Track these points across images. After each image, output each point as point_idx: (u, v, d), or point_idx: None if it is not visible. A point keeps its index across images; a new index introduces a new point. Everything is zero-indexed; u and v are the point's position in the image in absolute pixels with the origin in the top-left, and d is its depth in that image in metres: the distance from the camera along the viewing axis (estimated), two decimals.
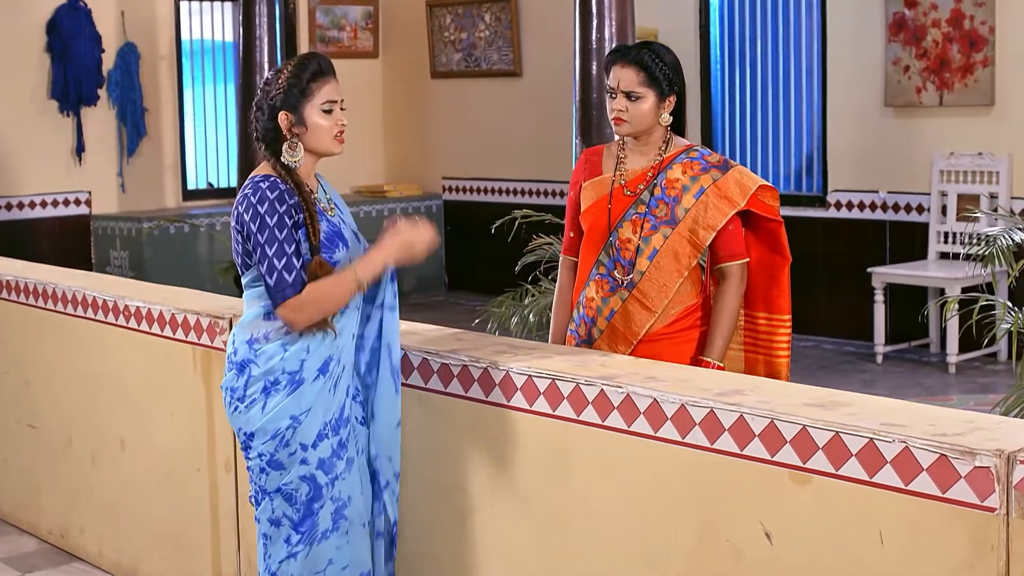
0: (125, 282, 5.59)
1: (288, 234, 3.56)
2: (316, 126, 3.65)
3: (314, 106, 3.64)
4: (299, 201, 3.59)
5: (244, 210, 3.60)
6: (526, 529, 3.71)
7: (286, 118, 3.63)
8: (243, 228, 3.61)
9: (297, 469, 3.63)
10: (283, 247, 3.54)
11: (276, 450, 3.62)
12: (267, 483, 3.66)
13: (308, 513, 3.65)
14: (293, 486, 3.64)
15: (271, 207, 3.55)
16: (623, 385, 3.44)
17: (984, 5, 8.34)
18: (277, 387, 3.61)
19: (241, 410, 3.65)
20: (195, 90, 11.51)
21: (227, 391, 3.69)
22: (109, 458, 5.30)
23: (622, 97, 4.12)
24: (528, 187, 11.19)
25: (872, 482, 2.94)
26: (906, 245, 8.89)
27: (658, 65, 4.12)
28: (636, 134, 4.16)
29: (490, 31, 11.55)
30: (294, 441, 3.61)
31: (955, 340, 8.12)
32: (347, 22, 12.34)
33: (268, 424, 3.61)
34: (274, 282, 3.55)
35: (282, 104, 3.62)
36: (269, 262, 3.55)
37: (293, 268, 3.55)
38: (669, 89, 4.14)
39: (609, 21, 6.44)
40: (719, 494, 3.24)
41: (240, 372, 3.65)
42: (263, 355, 3.62)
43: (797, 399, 3.24)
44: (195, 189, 11.52)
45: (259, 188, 3.59)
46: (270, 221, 3.54)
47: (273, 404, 3.61)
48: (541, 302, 5.97)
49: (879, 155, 8.96)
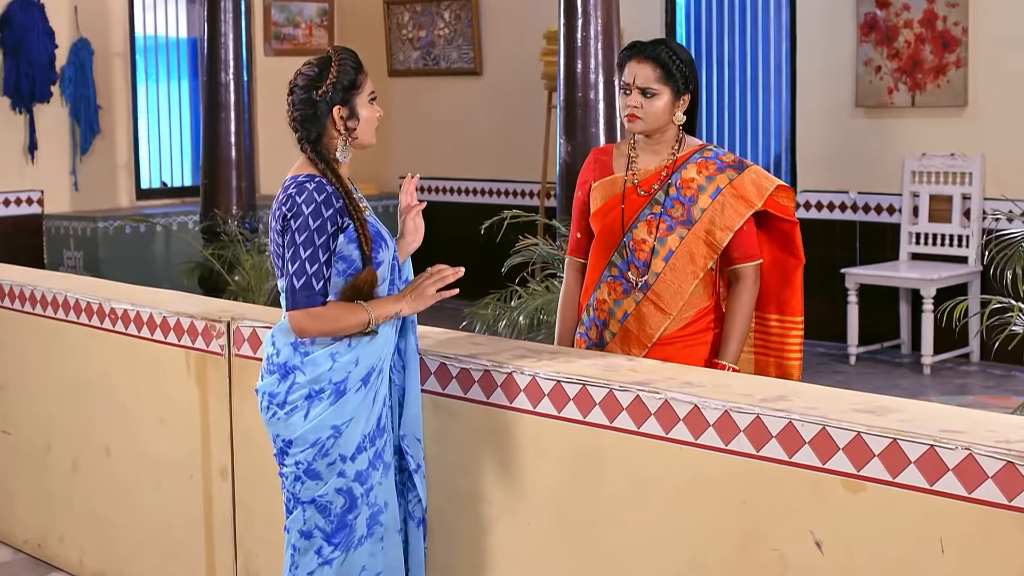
0: (109, 284, 5.42)
1: (326, 241, 3.44)
2: (366, 118, 3.57)
3: (363, 98, 3.55)
4: (344, 205, 3.48)
5: (288, 209, 3.47)
6: (555, 539, 3.60)
7: (340, 112, 3.52)
8: (284, 227, 3.48)
9: (334, 481, 3.53)
10: (318, 253, 3.43)
11: (315, 459, 3.51)
12: (301, 492, 3.55)
13: (342, 525, 3.55)
14: (328, 498, 3.53)
15: (317, 209, 3.44)
16: (661, 391, 3.34)
17: (957, 6, 8.34)
18: (321, 396, 3.50)
19: (281, 416, 3.53)
20: (149, 87, 11.30)
21: (265, 395, 3.57)
22: (92, 465, 5.14)
23: (637, 93, 4.03)
24: (489, 187, 11.08)
25: (932, 490, 2.87)
26: (877, 246, 8.87)
27: (675, 62, 4.04)
28: (649, 132, 4.08)
29: (450, 29, 11.44)
30: (334, 451, 3.51)
31: (930, 341, 8.11)
32: (302, 19, 12.17)
33: (309, 433, 3.50)
34: (300, 285, 3.43)
35: (336, 98, 3.52)
36: (301, 264, 3.43)
37: (322, 277, 3.45)
38: (684, 87, 4.06)
39: (594, 19, 6.34)
40: (765, 502, 3.16)
41: (283, 377, 3.53)
42: (311, 363, 3.51)
43: (844, 405, 3.16)
44: (149, 188, 11.29)
45: (305, 188, 3.47)
46: (312, 224, 3.43)
47: (316, 413, 3.50)
48: (531, 304, 5.86)
49: (849, 156, 8.94)
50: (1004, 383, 7.87)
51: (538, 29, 10.46)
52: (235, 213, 8.64)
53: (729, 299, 4.12)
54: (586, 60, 6.36)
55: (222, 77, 8.59)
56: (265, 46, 11.75)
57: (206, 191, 8.78)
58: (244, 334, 4.43)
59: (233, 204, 8.67)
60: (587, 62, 6.36)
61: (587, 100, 6.37)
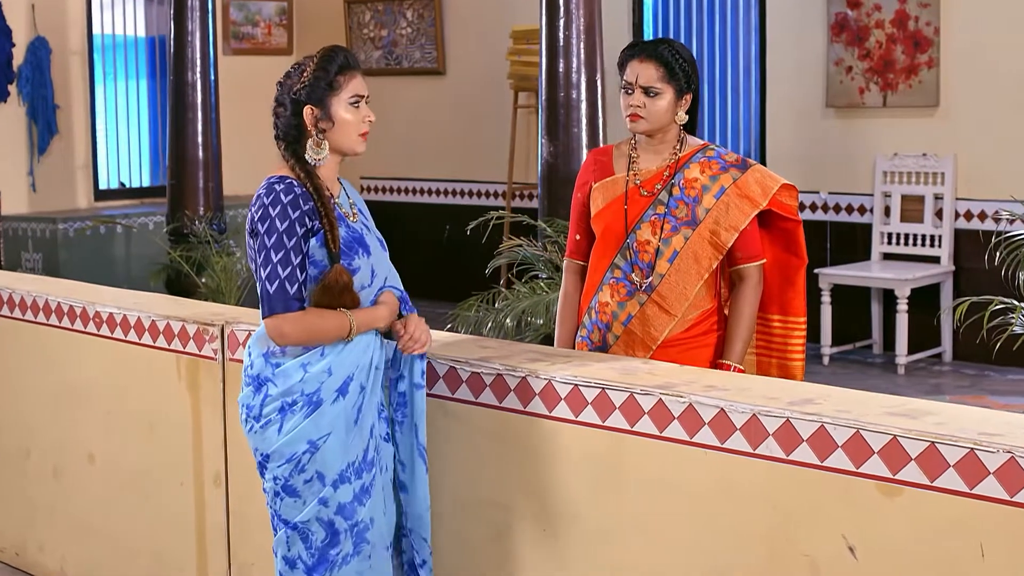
0: (92, 287, 5.30)
1: (297, 243, 3.33)
2: (343, 121, 3.45)
3: (341, 100, 3.44)
4: (315, 207, 3.36)
5: (255, 211, 3.37)
6: (572, 545, 3.53)
7: (311, 113, 3.43)
8: (254, 231, 3.38)
9: (315, 508, 3.41)
10: (289, 256, 3.32)
11: (291, 475, 3.40)
12: (282, 510, 3.45)
13: (323, 559, 3.44)
14: (310, 526, 3.42)
15: (283, 211, 3.32)
16: (685, 394, 3.29)
17: (929, 6, 8.35)
18: (294, 408, 3.38)
19: (257, 430, 3.43)
20: (107, 87, 11.13)
21: (243, 407, 3.47)
22: (75, 472, 5.02)
23: (640, 93, 3.98)
24: (453, 187, 11.00)
25: (972, 494, 2.84)
26: (847, 246, 8.87)
27: (677, 61, 3.99)
28: (652, 132, 4.03)
29: (412, 28, 11.35)
30: (311, 467, 3.40)
31: (904, 342, 8.12)
32: (261, 18, 12.05)
33: (284, 447, 3.39)
34: (274, 291, 3.31)
35: (307, 98, 3.42)
36: (272, 269, 3.31)
37: (296, 281, 3.33)
38: (687, 86, 4.02)
39: (576, 18, 6.28)
40: (795, 507, 3.11)
41: (257, 390, 3.42)
42: (282, 375, 3.39)
43: (876, 408, 3.12)
44: (107, 189, 11.13)
45: (273, 190, 3.36)
46: (279, 226, 3.32)
47: (290, 426, 3.39)
48: (517, 306, 5.79)
49: (820, 156, 8.93)
50: (978, 382, 7.89)
51: (503, 28, 10.40)
52: (203, 214, 8.51)
53: (733, 300, 4.07)
54: (568, 59, 6.30)
55: (189, 76, 8.46)
56: (224, 45, 11.61)
57: (173, 192, 8.64)
58: (239, 338, 4.33)
59: (201, 205, 8.54)
60: (569, 61, 6.30)
61: (569, 100, 6.31)
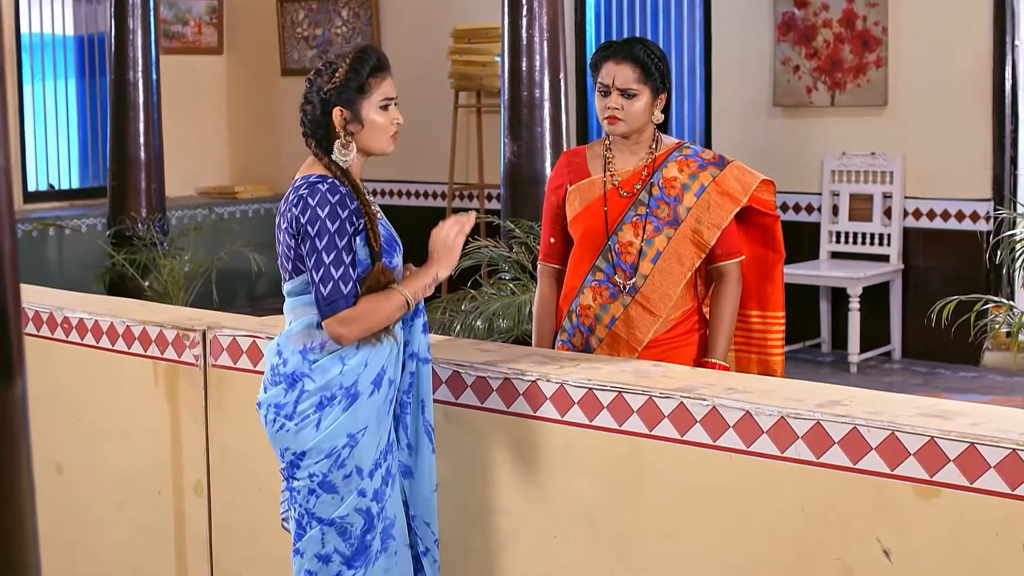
0: (60, 293, 5.13)
1: (348, 242, 3.29)
2: (373, 124, 3.39)
3: (372, 103, 3.38)
4: (359, 206, 3.34)
5: (300, 212, 3.30)
6: (587, 551, 3.46)
7: (340, 114, 3.36)
8: (298, 232, 3.31)
9: (354, 500, 3.35)
10: (341, 256, 3.27)
11: (330, 470, 3.33)
12: (316, 507, 3.36)
13: (362, 547, 3.38)
14: (349, 519, 3.35)
15: (332, 211, 3.28)
16: (707, 397, 3.23)
17: (877, 6, 8.38)
18: (333, 403, 3.32)
19: (290, 429, 3.34)
20: (35, 87, 10.87)
21: (271, 407, 3.37)
22: (40, 483, 4.83)
23: (617, 95, 3.95)
24: (392, 188, 10.89)
25: (1014, 495, 2.80)
26: (795, 245, 8.87)
27: (653, 60, 3.99)
28: (630, 133, 4.01)
29: (348, 27, 11.22)
30: (350, 462, 3.33)
31: (856, 340, 8.14)
32: (191, 16, 11.85)
33: (323, 442, 3.32)
34: (328, 292, 3.26)
35: (337, 99, 3.35)
36: (326, 270, 3.26)
37: (350, 279, 3.28)
38: (662, 85, 4.02)
39: (539, 16, 6.21)
40: (827, 510, 3.06)
41: (291, 387, 3.34)
42: (319, 369, 3.33)
43: (909, 409, 3.07)
44: (36, 191, 10.88)
45: (317, 190, 3.31)
46: (331, 226, 3.27)
47: (329, 421, 3.32)
48: (485, 308, 5.71)
49: (767, 155, 8.93)
50: (931, 380, 7.94)
51: (442, 27, 10.30)
52: (146, 216, 8.32)
53: (714, 297, 4.05)
54: (531, 58, 6.23)
55: (130, 76, 8.28)
56: None
57: (115, 193, 8.44)
58: (223, 343, 4.21)
59: (143, 207, 8.35)
60: (532, 60, 6.23)
61: (532, 99, 6.23)
